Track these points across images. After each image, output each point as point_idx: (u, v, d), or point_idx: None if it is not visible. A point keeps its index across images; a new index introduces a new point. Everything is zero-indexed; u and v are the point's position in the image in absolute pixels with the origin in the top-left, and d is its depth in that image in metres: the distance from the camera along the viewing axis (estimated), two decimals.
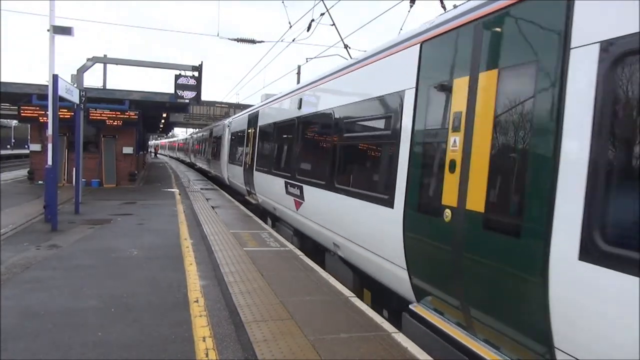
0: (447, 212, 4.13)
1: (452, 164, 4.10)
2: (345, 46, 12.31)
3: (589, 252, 2.80)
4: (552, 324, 3.07)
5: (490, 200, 3.66)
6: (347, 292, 6.05)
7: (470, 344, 3.93)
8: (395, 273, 5.21)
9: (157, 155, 77.97)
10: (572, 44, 3.05)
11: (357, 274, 6.72)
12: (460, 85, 4.11)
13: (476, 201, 3.79)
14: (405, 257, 4.90)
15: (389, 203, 5.22)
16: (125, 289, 5.94)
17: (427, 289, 4.65)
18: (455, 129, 4.11)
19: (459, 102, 4.10)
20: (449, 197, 4.13)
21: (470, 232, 3.87)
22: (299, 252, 8.32)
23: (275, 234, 10.14)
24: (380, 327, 4.89)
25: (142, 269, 6.96)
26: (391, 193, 5.18)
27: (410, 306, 4.87)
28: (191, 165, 41.19)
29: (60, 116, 11.75)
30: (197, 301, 5.53)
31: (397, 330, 4.81)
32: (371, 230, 5.83)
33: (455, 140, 4.11)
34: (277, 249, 8.61)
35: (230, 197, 17.30)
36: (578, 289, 2.89)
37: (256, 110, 14.33)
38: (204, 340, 4.41)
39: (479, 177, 3.78)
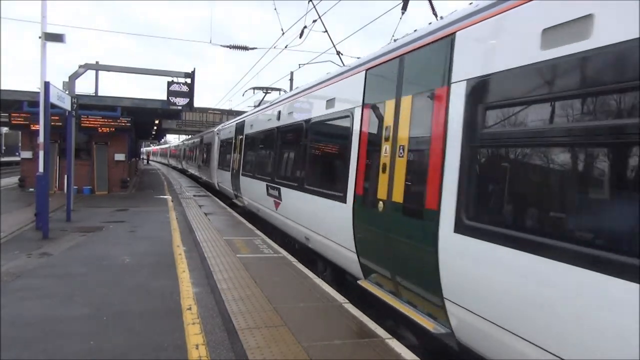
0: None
1: None
2: (338, 52, 12.38)
3: None
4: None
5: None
6: (340, 298, 6.06)
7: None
8: None
9: (149, 162, 77.53)
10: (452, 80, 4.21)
11: None
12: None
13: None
14: None
15: None
16: (117, 297, 5.90)
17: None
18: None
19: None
20: None
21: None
22: (292, 259, 8.32)
23: (268, 240, 10.12)
24: (374, 333, 4.90)
25: (134, 277, 6.92)
26: None
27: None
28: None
29: (52, 124, 11.70)
30: (190, 308, 5.51)
31: (390, 336, 4.82)
32: None
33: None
34: (270, 255, 8.60)
35: (223, 204, 17.25)
36: None
37: None
38: (197, 348, 4.39)
39: None
